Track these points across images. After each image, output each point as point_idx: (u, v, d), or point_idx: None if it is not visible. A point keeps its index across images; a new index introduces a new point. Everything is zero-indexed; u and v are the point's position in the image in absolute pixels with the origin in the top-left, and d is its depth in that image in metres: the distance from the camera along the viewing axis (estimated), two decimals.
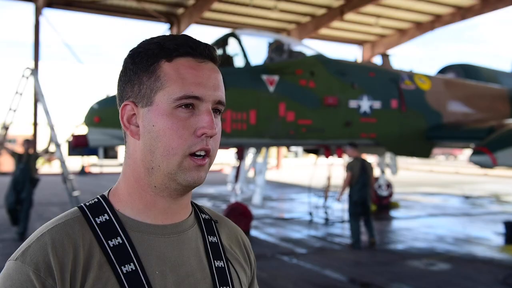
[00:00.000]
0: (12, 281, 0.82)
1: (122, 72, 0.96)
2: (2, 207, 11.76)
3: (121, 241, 0.89)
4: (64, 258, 0.84)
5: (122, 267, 0.87)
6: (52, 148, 9.28)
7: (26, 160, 8.48)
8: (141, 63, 0.92)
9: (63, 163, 8.95)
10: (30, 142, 8.67)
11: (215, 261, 0.98)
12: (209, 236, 1.01)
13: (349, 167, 8.06)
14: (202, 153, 0.91)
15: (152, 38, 0.95)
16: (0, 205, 12.22)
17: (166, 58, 0.91)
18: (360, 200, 7.91)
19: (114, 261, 0.87)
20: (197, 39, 0.95)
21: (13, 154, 8.62)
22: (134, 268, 0.87)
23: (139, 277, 0.87)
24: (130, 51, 0.96)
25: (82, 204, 0.95)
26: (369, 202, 8.03)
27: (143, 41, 0.96)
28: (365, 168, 7.96)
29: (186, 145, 0.89)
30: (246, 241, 1.12)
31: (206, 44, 0.94)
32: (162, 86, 0.90)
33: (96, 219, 0.91)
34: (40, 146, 26.71)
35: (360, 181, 7.92)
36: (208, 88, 0.91)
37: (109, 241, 0.89)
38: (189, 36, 0.95)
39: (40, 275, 0.82)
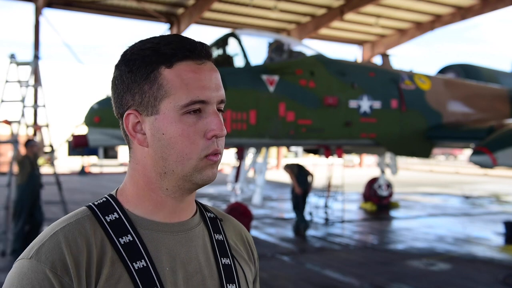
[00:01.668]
0: (29, 280, 0.82)
1: (117, 79, 0.94)
2: (0, 209, 11.75)
3: (131, 239, 0.90)
4: (78, 256, 0.85)
5: (134, 264, 0.88)
6: (48, 148, 8.82)
7: (37, 165, 7.35)
8: (139, 71, 0.91)
9: (53, 165, 8.45)
10: (36, 143, 7.42)
11: (222, 259, 0.99)
12: (215, 234, 1.03)
13: (287, 167, 9.53)
14: (214, 153, 0.93)
15: (144, 43, 0.93)
16: None
17: (166, 64, 0.90)
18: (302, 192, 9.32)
19: (126, 258, 0.88)
20: (191, 38, 0.94)
21: (23, 160, 7.26)
22: (145, 265, 0.89)
23: (150, 273, 0.88)
24: (123, 56, 0.94)
25: (90, 204, 0.96)
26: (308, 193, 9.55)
27: (135, 45, 0.94)
28: (301, 166, 9.47)
29: (200, 149, 0.90)
30: (249, 238, 1.13)
31: (202, 44, 0.94)
32: (167, 94, 0.90)
33: (106, 217, 0.92)
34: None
35: (299, 176, 9.29)
36: (211, 90, 0.92)
37: (120, 239, 0.90)
38: (183, 37, 0.93)
39: (57, 273, 0.82)
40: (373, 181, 12.99)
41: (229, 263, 1.00)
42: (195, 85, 0.90)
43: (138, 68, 0.91)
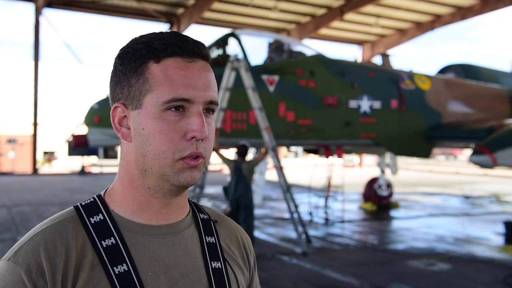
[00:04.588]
0: (5, 282, 0.82)
1: (112, 72, 0.94)
2: (2, 207, 11.77)
3: (114, 242, 0.88)
4: (56, 259, 0.84)
5: (115, 268, 0.86)
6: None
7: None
8: (129, 64, 0.90)
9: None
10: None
11: (212, 262, 0.97)
12: (206, 237, 1.00)
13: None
14: (193, 156, 0.89)
15: (140, 37, 0.93)
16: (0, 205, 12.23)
17: (154, 59, 0.89)
18: (232, 201, 7.61)
19: (107, 262, 0.86)
20: (187, 36, 0.92)
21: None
22: (126, 269, 0.86)
23: (131, 278, 0.86)
24: (119, 50, 0.94)
25: (78, 204, 0.94)
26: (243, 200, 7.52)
27: (132, 39, 0.94)
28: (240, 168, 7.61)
29: (177, 149, 0.87)
30: (246, 241, 1.09)
31: (195, 42, 0.91)
32: (151, 88, 0.88)
33: (91, 219, 0.90)
34: (40, 146, 26.63)
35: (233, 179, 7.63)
36: (198, 89, 0.88)
37: (102, 241, 0.88)
38: (178, 34, 0.92)
39: (31, 276, 0.82)
40: (373, 181, 12.99)
41: (220, 266, 0.97)
42: (180, 82, 0.87)
43: (129, 61, 0.90)
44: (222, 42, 8.73)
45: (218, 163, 27.80)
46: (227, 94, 7.47)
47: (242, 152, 7.53)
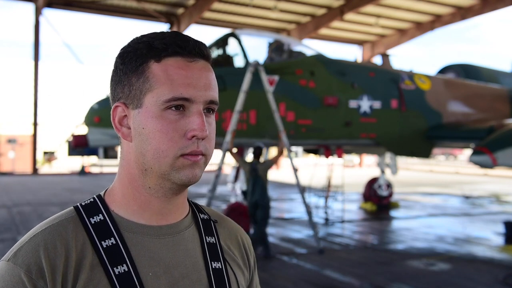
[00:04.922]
0: (5, 282, 0.82)
1: (113, 71, 0.94)
2: (2, 207, 11.77)
3: (114, 242, 0.88)
4: (55, 260, 0.83)
5: (115, 268, 0.86)
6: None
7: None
8: (130, 64, 0.90)
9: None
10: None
11: (212, 262, 0.96)
12: (206, 237, 0.99)
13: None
14: (194, 154, 0.89)
15: (142, 36, 0.93)
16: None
17: (155, 58, 0.89)
18: (251, 203, 7.37)
19: (107, 262, 0.86)
20: (188, 36, 0.92)
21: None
22: (126, 270, 0.86)
23: (131, 278, 0.86)
24: (120, 49, 0.94)
25: (78, 204, 0.94)
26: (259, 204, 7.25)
27: (133, 39, 0.94)
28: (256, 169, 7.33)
29: (177, 148, 0.87)
30: (246, 241, 1.09)
31: (196, 42, 0.91)
32: (151, 87, 0.88)
33: (91, 219, 0.90)
34: (40, 146, 26.65)
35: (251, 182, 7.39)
36: (198, 89, 0.89)
37: (102, 242, 0.88)
38: (179, 34, 0.92)
39: (31, 277, 0.81)
40: (373, 181, 12.99)
41: (220, 267, 0.97)
42: (180, 81, 0.87)
43: (130, 61, 0.90)
44: (222, 42, 8.73)
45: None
46: (244, 96, 7.49)
47: (257, 153, 7.53)
